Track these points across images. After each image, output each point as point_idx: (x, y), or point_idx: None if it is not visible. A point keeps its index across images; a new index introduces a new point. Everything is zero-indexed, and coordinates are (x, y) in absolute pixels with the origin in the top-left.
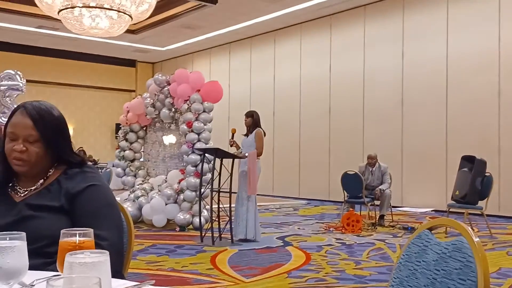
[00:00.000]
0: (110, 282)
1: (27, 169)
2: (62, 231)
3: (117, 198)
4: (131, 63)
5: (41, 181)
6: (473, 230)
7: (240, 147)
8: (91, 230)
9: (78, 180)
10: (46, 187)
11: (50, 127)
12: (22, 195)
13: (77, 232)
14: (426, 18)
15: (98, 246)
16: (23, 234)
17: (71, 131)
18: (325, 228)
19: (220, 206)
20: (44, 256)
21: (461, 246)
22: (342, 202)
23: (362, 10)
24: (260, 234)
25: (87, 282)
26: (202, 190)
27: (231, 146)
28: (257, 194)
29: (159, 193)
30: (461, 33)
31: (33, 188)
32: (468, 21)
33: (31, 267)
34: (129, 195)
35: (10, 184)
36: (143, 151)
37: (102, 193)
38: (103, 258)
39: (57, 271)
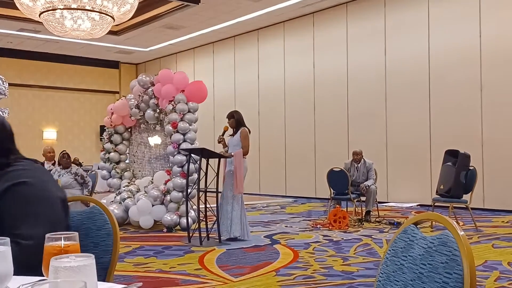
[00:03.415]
0: (96, 285)
1: None
2: (47, 235)
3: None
4: (114, 64)
5: None
6: (458, 223)
7: (226, 146)
8: (76, 234)
9: (2, 181)
10: None
11: None
12: None
13: (62, 236)
14: (408, 14)
15: (18, 245)
16: (7, 239)
17: (54, 134)
18: (312, 225)
19: (207, 206)
20: None
21: (446, 240)
22: (328, 199)
23: (344, 8)
24: (249, 233)
25: (72, 286)
26: (189, 190)
27: (219, 142)
28: (244, 193)
29: (145, 194)
30: (443, 28)
31: None
32: (449, 16)
33: None
34: (115, 197)
35: None
36: (128, 153)
37: (26, 190)
38: (89, 261)
39: (43, 275)
